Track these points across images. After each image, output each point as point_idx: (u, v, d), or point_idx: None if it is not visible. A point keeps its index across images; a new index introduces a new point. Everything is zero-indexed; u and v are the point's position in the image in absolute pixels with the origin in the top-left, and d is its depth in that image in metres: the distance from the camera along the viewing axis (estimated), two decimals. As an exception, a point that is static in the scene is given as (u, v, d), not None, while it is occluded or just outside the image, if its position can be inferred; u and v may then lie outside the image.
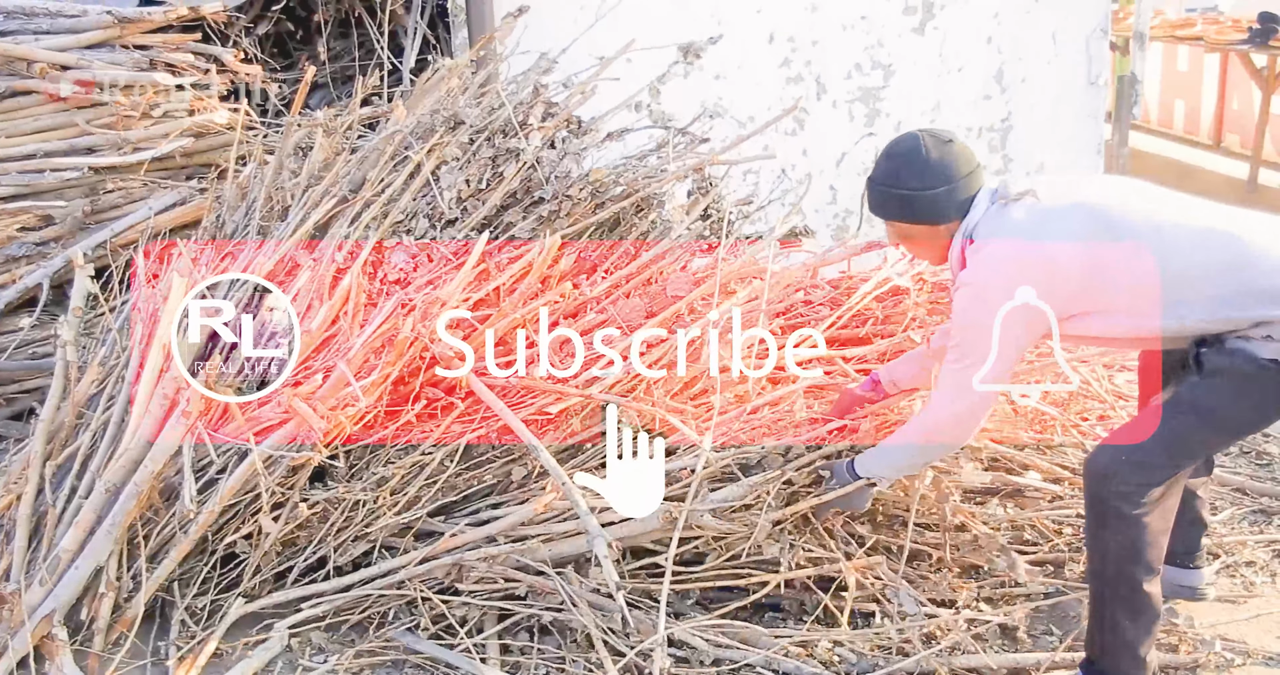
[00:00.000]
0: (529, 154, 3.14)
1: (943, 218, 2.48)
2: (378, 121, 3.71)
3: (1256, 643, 2.79)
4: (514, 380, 2.74)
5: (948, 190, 2.46)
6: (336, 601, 2.72)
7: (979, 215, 2.46)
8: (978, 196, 2.48)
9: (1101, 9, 5.39)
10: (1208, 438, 2.49)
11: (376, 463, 2.83)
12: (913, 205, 2.49)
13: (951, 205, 2.47)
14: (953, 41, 5.26)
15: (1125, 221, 2.37)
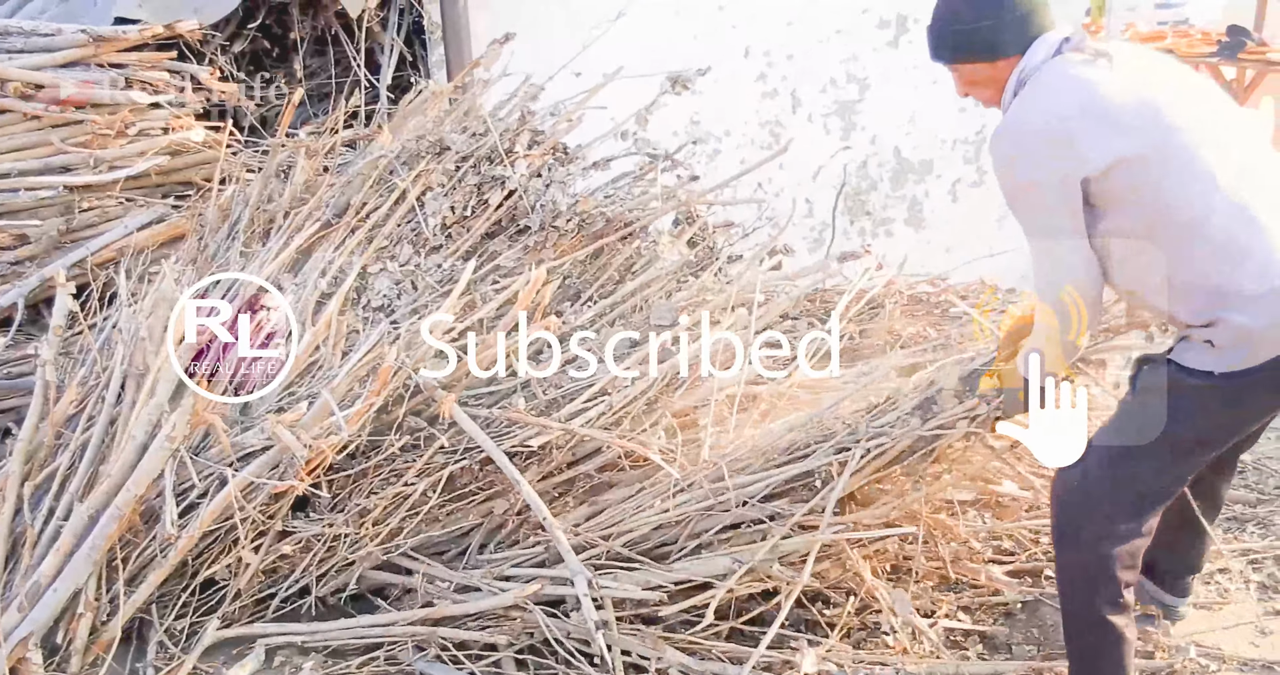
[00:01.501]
0: (515, 182, 3.14)
1: (999, 51, 2.34)
2: (357, 142, 3.70)
3: (1231, 649, 2.84)
4: (498, 412, 2.75)
5: (1004, 21, 2.33)
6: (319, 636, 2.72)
7: (1038, 59, 2.32)
8: (1041, 39, 2.33)
9: (1073, 22, 5.44)
10: (1149, 460, 2.35)
11: (359, 493, 2.83)
12: (969, 39, 2.37)
13: (1009, 37, 2.33)
14: (927, 55, 5.27)
15: (1186, 152, 2.21)
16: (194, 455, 2.81)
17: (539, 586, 2.45)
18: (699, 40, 4.91)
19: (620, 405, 2.71)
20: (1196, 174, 2.20)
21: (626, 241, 3.16)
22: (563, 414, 2.74)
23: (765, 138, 5.16)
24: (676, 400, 2.75)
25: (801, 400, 3.18)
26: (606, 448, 2.71)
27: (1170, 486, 2.41)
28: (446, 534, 2.81)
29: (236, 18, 4.45)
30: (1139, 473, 2.36)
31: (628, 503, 2.72)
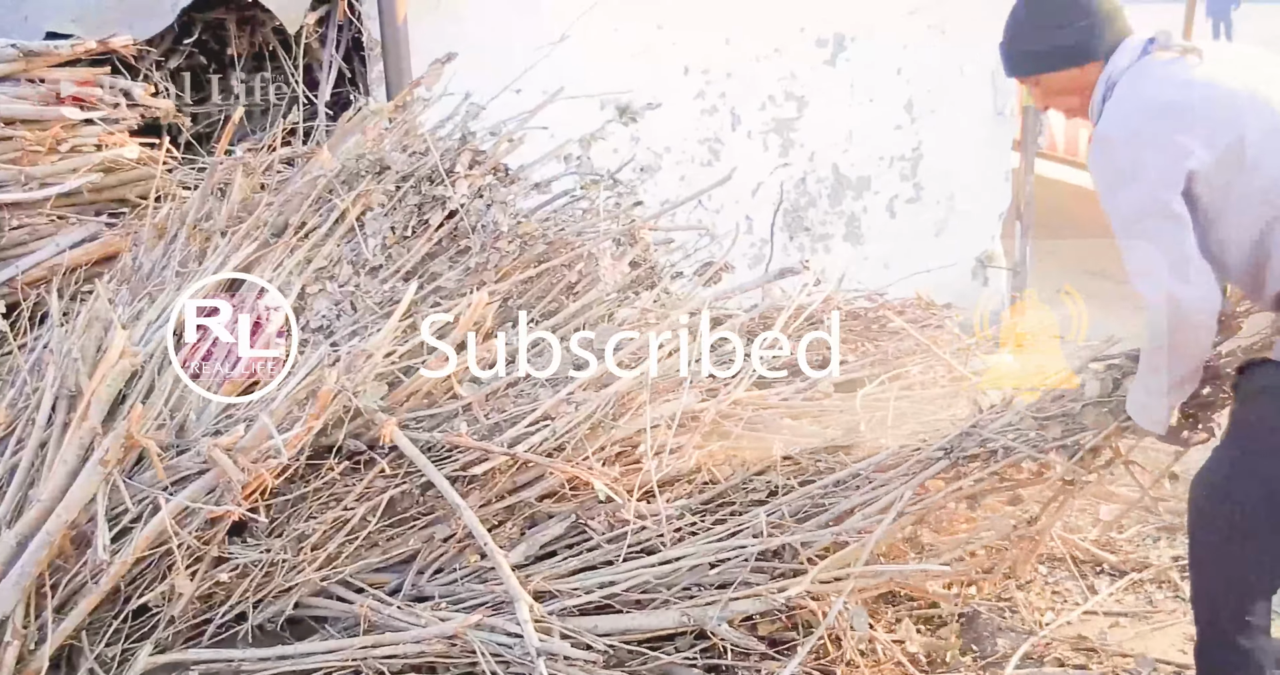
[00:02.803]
0: (456, 202, 3.13)
1: (1085, 56, 2.30)
2: (296, 160, 3.67)
3: (1163, 656, 2.91)
4: (440, 436, 2.74)
5: (1087, 25, 2.28)
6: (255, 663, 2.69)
7: (1125, 62, 2.28)
8: (1126, 43, 2.29)
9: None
10: (1268, 467, 2.28)
11: (298, 517, 2.80)
12: (1052, 48, 2.32)
13: (1093, 42, 2.29)
14: (863, 73, 5.37)
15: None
16: (128, 479, 2.76)
17: (479, 618, 2.44)
18: (638, 58, 4.93)
19: (564, 430, 2.71)
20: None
21: (569, 263, 3.17)
22: (505, 439, 2.74)
23: (705, 154, 5.20)
24: (621, 426, 2.76)
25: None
26: (549, 474, 2.71)
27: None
28: (386, 560, 2.79)
29: (172, 33, 4.40)
30: (1257, 479, 2.29)
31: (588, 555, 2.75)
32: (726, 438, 3.19)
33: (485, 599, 2.71)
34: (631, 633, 2.67)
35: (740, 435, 3.18)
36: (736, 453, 3.18)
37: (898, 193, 5.56)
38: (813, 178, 5.41)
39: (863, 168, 5.47)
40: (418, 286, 3.04)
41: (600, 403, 2.73)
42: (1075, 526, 3.54)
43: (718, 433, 3.16)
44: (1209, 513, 2.40)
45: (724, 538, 2.73)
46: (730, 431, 3.18)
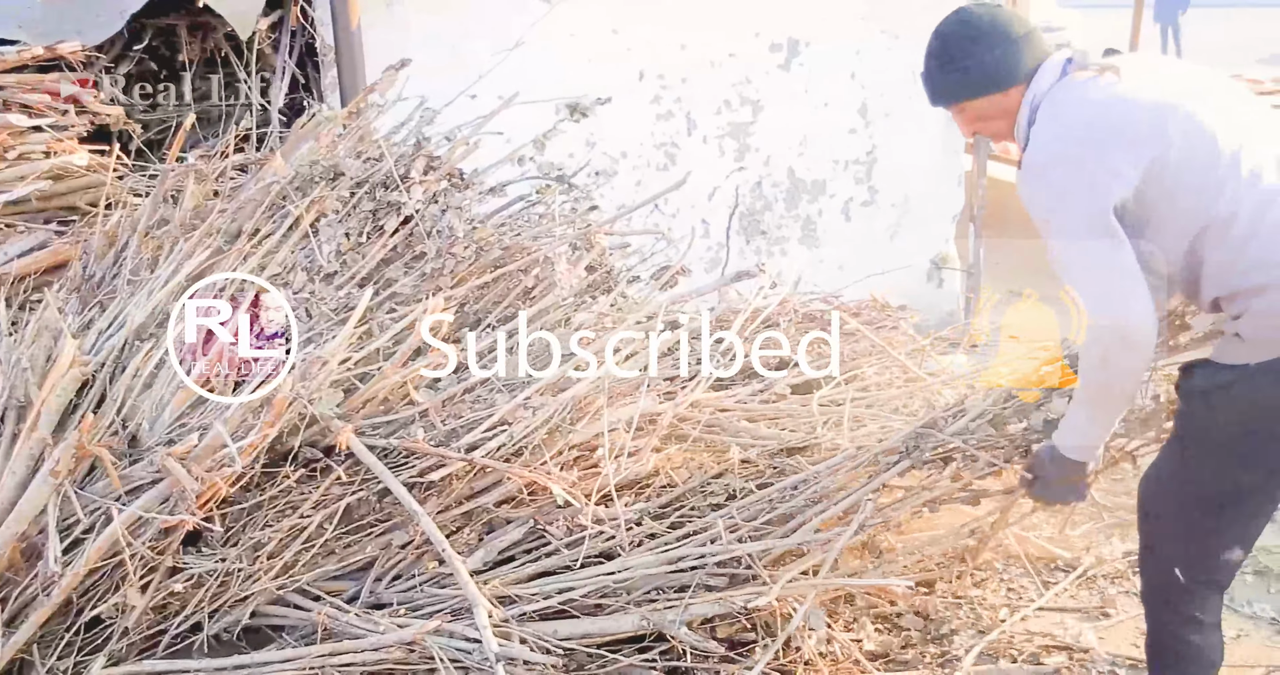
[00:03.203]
0: (411, 208, 3.12)
1: (1006, 81, 2.30)
2: (249, 166, 3.64)
3: (1116, 650, 2.96)
4: (396, 443, 2.73)
5: (1003, 51, 2.29)
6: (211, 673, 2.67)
7: (1046, 84, 2.28)
8: (1045, 64, 2.30)
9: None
10: (1209, 464, 2.31)
11: (253, 526, 2.78)
12: (973, 74, 2.32)
13: (1012, 67, 2.29)
14: (818, 77, 5.40)
15: (1208, 147, 2.18)
16: (79, 490, 2.73)
17: (438, 624, 2.44)
18: (594, 63, 4.94)
19: (521, 435, 2.71)
20: (1222, 167, 2.17)
21: (525, 268, 3.17)
22: (463, 444, 2.73)
23: (661, 159, 5.21)
24: (578, 430, 2.76)
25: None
26: (507, 479, 2.71)
27: (1235, 491, 2.32)
28: (343, 567, 2.77)
29: (122, 39, 4.35)
30: (1201, 478, 2.33)
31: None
32: (685, 440, 3.20)
33: (444, 605, 2.70)
34: (591, 637, 2.68)
35: (698, 437, 3.20)
36: (694, 455, 3.20)
37: (852, 196, 5.60)
38: (768, 182, 5.44)
39: (818, 171, 5.51)
40: (373, 293, 3.03)
41: (557, 407, 2.73)
42: (1030, 524, 3.58)
43: (676, 435, 3.17)
44: (1155, 510, 2.44)
45: (681, 544, 2.73)
46: (688, 434, 3.19)
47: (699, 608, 2.71)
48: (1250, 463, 2.28)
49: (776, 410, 3.56)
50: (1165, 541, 2.42)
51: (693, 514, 2.92)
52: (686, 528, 2.82)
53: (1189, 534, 2.37)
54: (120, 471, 2.75)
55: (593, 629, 2.69)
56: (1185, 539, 2.37)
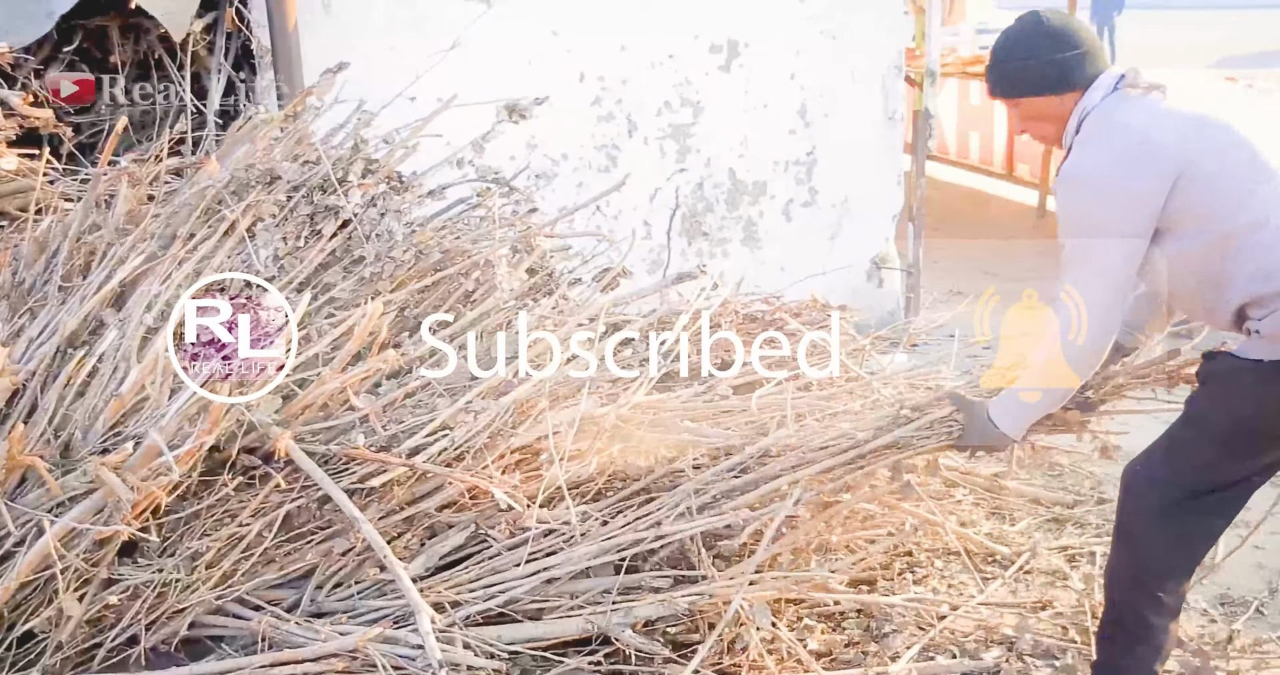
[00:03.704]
0: (349, 212, 3.10)
1: (1064, 86, 2.44)
2: (184, 170, 3.59)
3: (1053, 643, 3.01)
4: (336, 449, 2.70)
5: (1071, 56, 2.42)
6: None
7: (1097, 98, 2.42)
8: (1101, 78, 2.44)
9: (895, 48, 5.67)
10: (1203, 449, 2.45)
11: (191, 535, 2.74)
12: (1035, 73, 2.44)
13: (1074, 73, 2.43)
14: (758, 79, 5.43)
15: (1238, 161, 2.37)
16: (10, 502, 2.68)
17: (380, 630, 2.42)
18: (534, 65, 4.94)
19: (463, 439, 2.69)
20: (1256, 173, 2.35)
21: (466, 271, 3.15)
22: (404, 449, 2.71)
23: (602, 161, 5.22)
24: (520, 433, 2.75)
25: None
26: (449, 484, 2.69)
27: (1219, 478, 2.45)
28: (283, 576, 2.74)
29: (51, 41, 4.27)
30: (1194, 461, 2.45)
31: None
32: (628, 441, 3.20)
33: (387, 612, 2.68)
34: (536, 640, 2.68)
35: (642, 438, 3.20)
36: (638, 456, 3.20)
37: (793, 197, 5.64)
38: (709, 183, 5.46)
39: (758, 172, 5.54)
40: (311, 298, 3.00)
41: (499, 411, 2.72)
42: (969, 520, 3.63)
43: (619, 437, 3.17)
44: (1139, 490, 2.53)
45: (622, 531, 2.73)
46: (631, 435, 3.20)
47: (643, 609, 2.72)
48: (1240, 452, 2.42)
49: (717, 409, 3.57)
50: (1144, 521, 2.50)
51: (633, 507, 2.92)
52: (625, 515, 2.82)
53: (1168, 516, 2.46)
54: (52, 482, 2.70)
55: (537, 633, 2.69)
56: (1163, 521, 2.47)
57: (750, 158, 5.51)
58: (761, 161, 5.54)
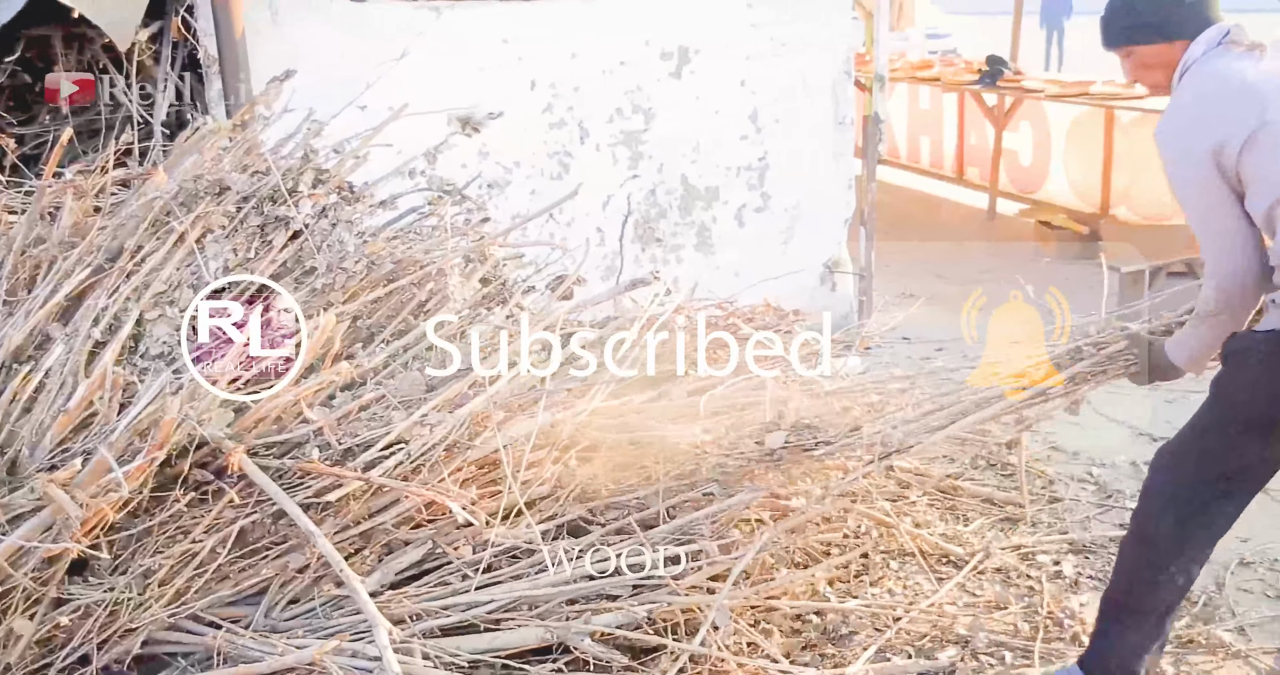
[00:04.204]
0: (299, 222, 3.07)
1: (1173, 34, 2.55)
2: (131, 182, 3.54)
3: (1007, 641, 3.05)
4: (290, 463, 2.68)
5: (1180, 5, 2.54)
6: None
7: (1200, 51, 2.52)
8: (1208, 31, 2.53)
9: (845, 53, 5.71)
10: (1226, 429, 2.53)
11: (143, 552, 2.71)
12: (1142, 22, 2.57)
13: (1182, 23, 2.54)
14: (709, 85, 5.45)
15: None
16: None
17: (337, 643, 2.40)
18: (485, 73, 4.92)
19: (419, 453, 2.68)
20: None
21: (419, 281, 3.13)
22: (359, 463, 2.69)
23: (554, 168, 5.21)
24: (477, 445, 2.74)
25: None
26: (405, 497, 2.68)
27: (1240, 459, 2.54)
28: (238, 593, 2.71)
29: (-8, 50, 4.21)
30: (1217, 444, 2.54)
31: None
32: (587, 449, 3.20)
33: (344, 627, 2.66)
34: (496, 650, 2.67)
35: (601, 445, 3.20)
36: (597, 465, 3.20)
37: (746, 202, 5.66)
38: (662, 189, 5.47)
39: (711, 178, 5.56)
40: (263, 309, 2.97)
41: (455, 423, 2.71)
42: (924, 521, 3.67)
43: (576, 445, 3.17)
44: (1167, 466, 2.62)
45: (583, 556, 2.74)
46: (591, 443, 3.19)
47: (602, 618, 2.72)
48: (1261, 428, 2.49)
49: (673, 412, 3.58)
50: (1165, 501, 2.59)
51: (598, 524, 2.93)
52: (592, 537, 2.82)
53: (1188, 498, 2.56)
54: (0, 500, 2.65)
55: (496, 643, 2.69)
56: (1183, 502, 2.56)
57: (702, 163, 5.53)
58: (714, 167, 5.56)
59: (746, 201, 5.67)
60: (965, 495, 3.89)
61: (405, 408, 2.82)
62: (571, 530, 2.99)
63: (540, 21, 5.04)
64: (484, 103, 3.73)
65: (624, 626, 2.73)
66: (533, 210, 4.65)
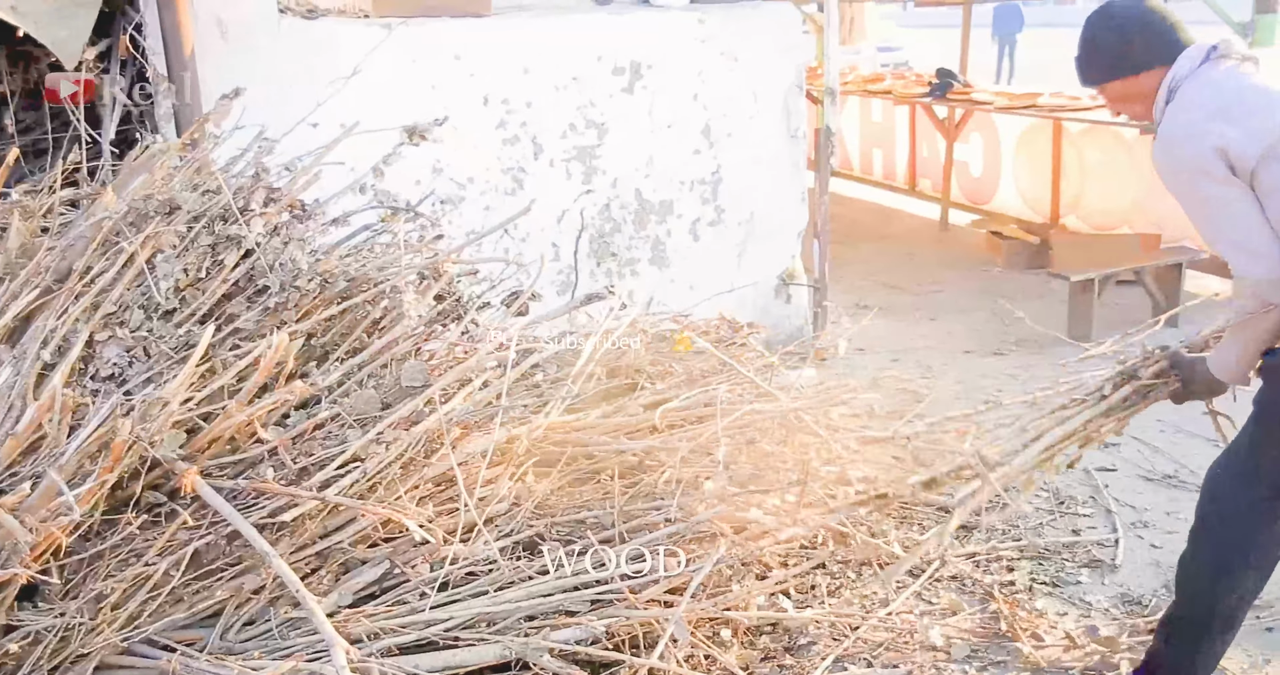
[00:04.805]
0: (251, 241, 3.05)
1: (1144, 64, 2.57)
2: (80, 201, 3.51)
3: (964, 648, 3.08)
4: (245, 483, 2.66)
5: (1142, 37, 2.56)
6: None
7: (1186, 69, 2.53)
8: (1187, 51, 2.54)
9: (796, 67, 5.76)
10: (1275, 445, 2.56)
11: (95, 576, 2.67)
12: (1114, 57, 2.60)
13: (1151, 51, 2.56)
14: (661, 100, 5.47)
15: None
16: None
17: (294, 664, 2.38)
18: (437, 89, 4.92)
19: (375, 471, 2.67)
20: None
21: (372, 299, 3.13)
22: (314, 482, 2.68)
23: (509, 184, 5.21)
24: (433, 463, 2.74)
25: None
26: (362, 516, 2.66)
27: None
28: (193, 615, 2.69)
29: (-64, 69, 4.16)
30: (1265, 462, 2.57)
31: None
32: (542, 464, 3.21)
33: (301, 647, 2.64)
34: (454, 668, 2.66)
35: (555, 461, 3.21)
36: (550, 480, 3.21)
37: (700, 216, 5.69)
38: (616, 204, 5.49)
39: (665, 192, 5.58)
40: (215, 329, 2.95)
41: (410, 441, 2.70)
42: (879, 530, 3.69)
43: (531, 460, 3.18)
44: (1227, 488, 2.64)
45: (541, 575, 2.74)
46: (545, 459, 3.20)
47: (560, 634, 2.72)
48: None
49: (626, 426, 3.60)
50: (1230, 520, 2.61)
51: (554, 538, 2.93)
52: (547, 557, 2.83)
53: (1253, 514, 2.58)
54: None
55: (455, 661, 2.68)
56: (1248, 519, 2.59)
57: (656, 178, 5.55)
58: (667, 181, 5.58)
59: (700, 215, 5.70)
60: (919, 503, 3.92)
61: (361, 426, 2.81)
62: (528, 546, 2.99)
63: (492, 38, 5.06)
64: (437, 119, 3.73)
65: (582, 642, 2.73)
66: (487, 226, 4.67)
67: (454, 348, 3.07)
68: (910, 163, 9.53)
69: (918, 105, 8.94)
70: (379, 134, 3.61)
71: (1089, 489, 4.12)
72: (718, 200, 5.71)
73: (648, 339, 4.33)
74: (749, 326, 4.80)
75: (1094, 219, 7.47)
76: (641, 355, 4.18)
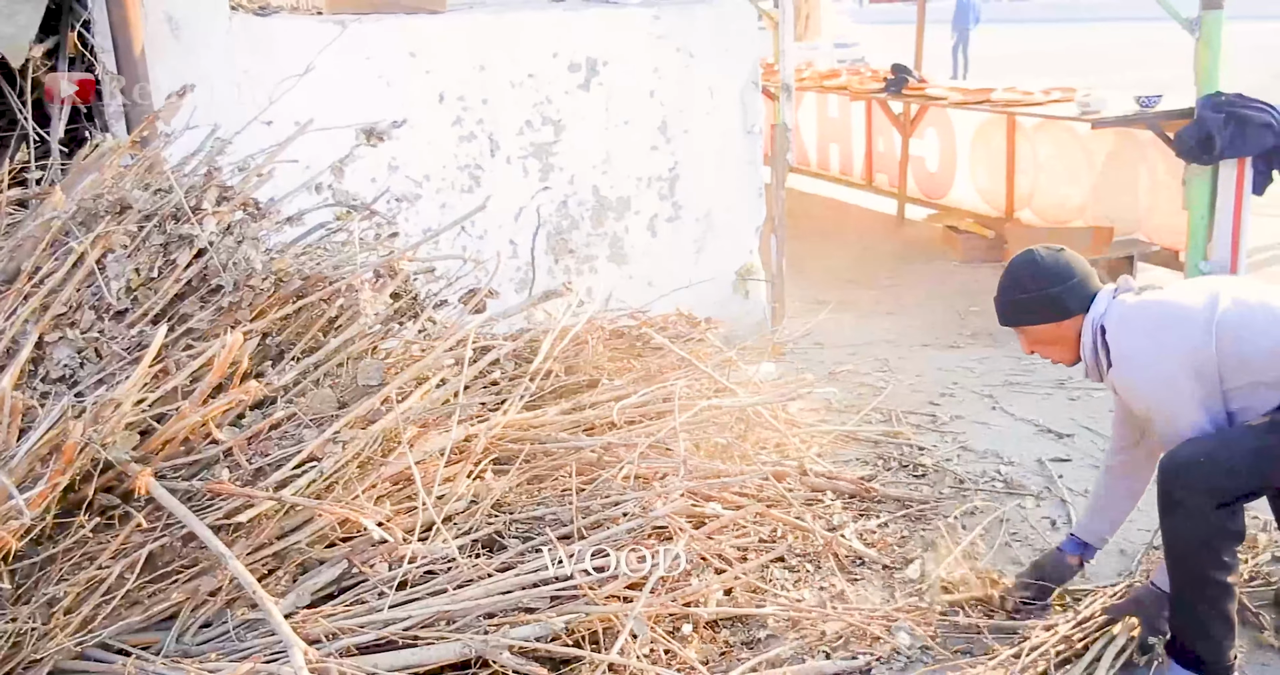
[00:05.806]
0: (204, 240, 3.03)
1: (1066, 312, 2.80)
2: (28, 201, 3.46)
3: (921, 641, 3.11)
4: (199, 484, 2.64)
5: (1066, 287, 2.79)
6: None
7: (1103, 308, 2.78)
8: (1098, 295, 2.80)
9: (751, 63, 5.78)
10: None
11: (47, 581, 2.64)
12: (1037, 305, 2.81)
13: (1073, 300, 2.79)
14: (617, 96, 5.48)
15: (1247, 297, 2.69)
16: None
17: (252, 665, 2.37)
18: (392, 87, 4.90)
19: (332, 470, 2.65)
20: (1266, 310, 2.66)
21: (328, 298, 3.11)
22: (271, 482, 2.66)
23: (465, 181, 5.20)
24: (390, 462, 2.73)
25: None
26: (319, 516, 2.65)
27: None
28: (148, 618, 2.66)
29: (-122, 68, 4.08)
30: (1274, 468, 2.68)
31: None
32: (501, 462, 3.21)
33: (259, 649, 2.63)
34: (414, 667, 2.65)
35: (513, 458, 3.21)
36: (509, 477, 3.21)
37: (657, 212, 5.70)
38: (574, 200, 5.49)
39: (622, 189, 5.59)
40: (168, 329, 2.92)
41: (367, 440, 2.69)
42: (839, 524, 3.72)
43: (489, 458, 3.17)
44: (1192, 470, 2.68)
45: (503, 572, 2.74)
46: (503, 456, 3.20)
47: (520, 631, 2.72)
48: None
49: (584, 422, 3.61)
50: (1198, 496, 2.66)
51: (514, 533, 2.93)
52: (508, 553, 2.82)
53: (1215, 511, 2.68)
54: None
55: (414, 660, 2.67)
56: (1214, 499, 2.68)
57: (613, 174, 5.55)
58: (624, 178, 5.59)
59: (658, 211, 5.71)
60: (877, 496, 3.96)
61: (317, 425, 2.80)
62: (487, 544, 2.98)
63: (447, 34, 5.04)
64: (391, 116, 3.72)
65: (542, 638, 2.73)
66: (444, 223, 4.65)
67: (410, 346, 3.06)
68: (867, 158, 9.58)
69: (873, 101, 8.98)
70: (333, 131, 3.59)
71: (1042, 479, 4.16)
72: (675, 196, 5.72)
73: (605, 336, 4.35)
74: (707, 322, 4.82)
75: (1048, 213, 7.55)
76: (600, 352, 4.19)
